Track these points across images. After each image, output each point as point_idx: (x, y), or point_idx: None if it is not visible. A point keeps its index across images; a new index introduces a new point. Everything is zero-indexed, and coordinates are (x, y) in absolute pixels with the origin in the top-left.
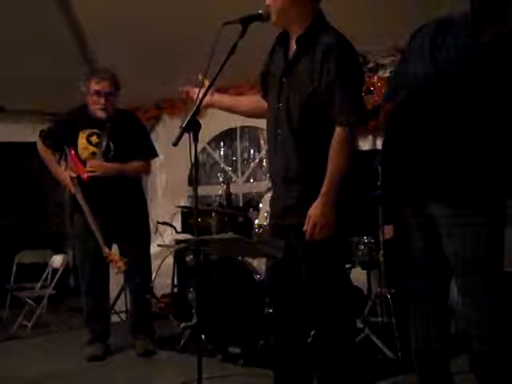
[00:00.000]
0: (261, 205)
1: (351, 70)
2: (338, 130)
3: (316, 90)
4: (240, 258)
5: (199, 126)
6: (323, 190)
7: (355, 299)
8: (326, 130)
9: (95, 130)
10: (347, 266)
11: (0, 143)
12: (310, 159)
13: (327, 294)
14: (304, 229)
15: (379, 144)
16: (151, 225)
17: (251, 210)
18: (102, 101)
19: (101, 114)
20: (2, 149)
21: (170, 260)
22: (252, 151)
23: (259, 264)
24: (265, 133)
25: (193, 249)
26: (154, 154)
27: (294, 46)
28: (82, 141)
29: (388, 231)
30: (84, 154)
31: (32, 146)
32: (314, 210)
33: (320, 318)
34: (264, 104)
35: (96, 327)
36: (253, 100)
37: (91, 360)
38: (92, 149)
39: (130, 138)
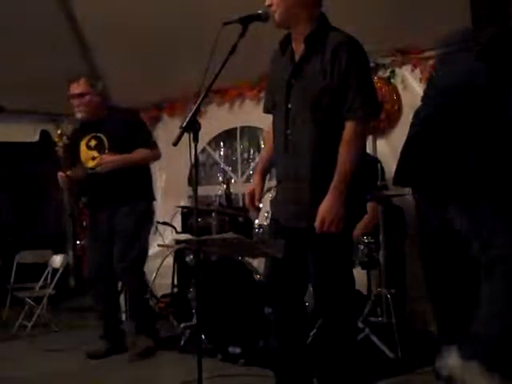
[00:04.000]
0: (261, 205)
1: (362, 65)
2: (350, 124)
3: (326, 87)
4: (240, 257)
5: (199, 126)
6: (333, 184)
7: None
8: (337, 129)
9: (92, 134)
10: None
11: (0, 143)
12: (322, 158)
13: (335, 294)
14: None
15: (379, 144)
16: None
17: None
18: (76, 102)
19: (79, 116)
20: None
21: (170, 260)
22: (252, 151)
23: (259, 264)
24: (264, 133)
25: (193, 249)
26: (153, 144)
27: (300, 47)
28: (82, 148)
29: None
30: (86, 160)
31: (32, 145)
32: (324, 205)
33: (324, 316)
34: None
35: (103, 325)
36: (270, 146)
37: (89, 357)
38: (91, 153)
39: (124, 133)
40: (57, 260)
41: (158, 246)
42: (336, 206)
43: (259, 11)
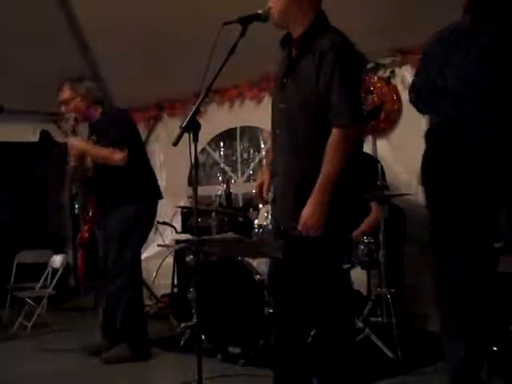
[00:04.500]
0: (261, 205)
1: (348, 72)
2: (334, 132)
3: (314, 90)
4: (240, 257)
5: (199, 126)
6: (314, 190)
7: (353, 301)
8: (324, 132)
9: (91, 137)
10: (347, 265)
11: (0, 143)
12: (307, 161)
13: (325, 294)
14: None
15: (379, 144)
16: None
17: (251, 210)
18: (63, 109)
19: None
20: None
21: (170, 260)
22: (252, 151)
23: (259, 264)
24: (264, 133)
25: (193, 249)
26: (117, 143)
27: (296, 47)
28: None
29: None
30: None
31: (32, 146)
32: (305, 210)
33: (319, 318)
34: None
35: (102, 323)
36: None
37: (91, 355)
38: None
39: (105, 133)
40: (57, 260)
41: (158, 246)
42: (317, 210)
43: (259, 11)
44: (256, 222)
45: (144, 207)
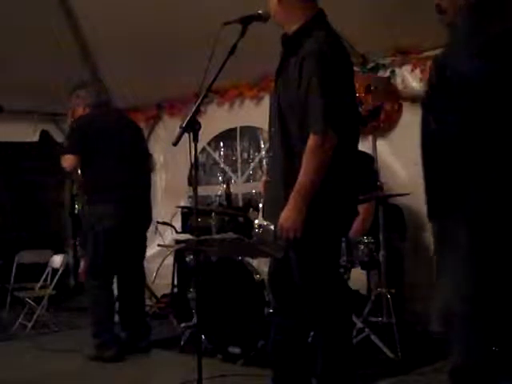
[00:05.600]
0: (261, 205)
1: (327, 79)
2: (310, 138)
3: (297, 94)
4: (240, 257)
5: (199, 126)
6: (292, 194)
7: (351, 301)
8: (305, 137)
9: None
10: (346, 264)
11: (0, 143)
12: (293, 160)
13: (315, 295)
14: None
15: (379, 144)
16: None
17: (251, 210)
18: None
19: None
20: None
21: (170, 260)
22: (252, 151)
23: (259, 264)
24: (264, 133)
25: (193, 249)
26: (63, 150)
27: None
28: None
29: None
30: None
31: (32, 146)
32: (283, 213)
33: (314, 318)
34: None
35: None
36: None
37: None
38: None
39: None
40: (57, 260)
41: (158, 246)
42: (292, 215)
43: (259, 11)
44: (256, 221)
45: (99, 208)
